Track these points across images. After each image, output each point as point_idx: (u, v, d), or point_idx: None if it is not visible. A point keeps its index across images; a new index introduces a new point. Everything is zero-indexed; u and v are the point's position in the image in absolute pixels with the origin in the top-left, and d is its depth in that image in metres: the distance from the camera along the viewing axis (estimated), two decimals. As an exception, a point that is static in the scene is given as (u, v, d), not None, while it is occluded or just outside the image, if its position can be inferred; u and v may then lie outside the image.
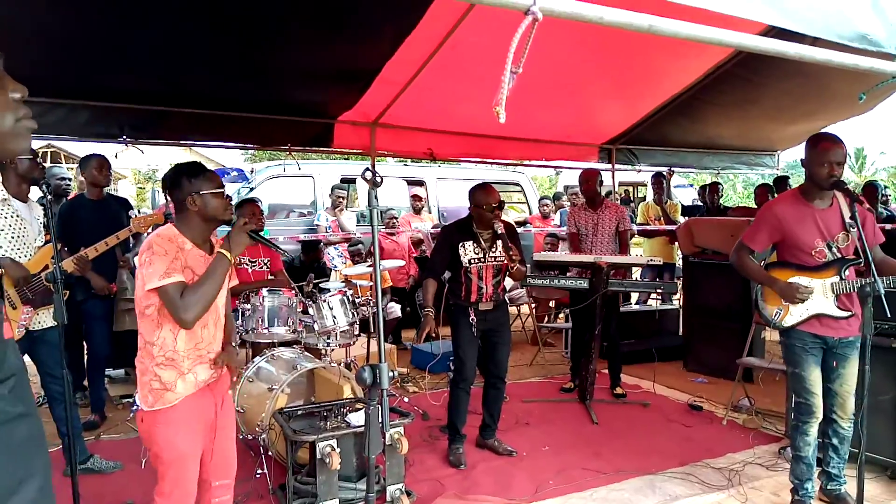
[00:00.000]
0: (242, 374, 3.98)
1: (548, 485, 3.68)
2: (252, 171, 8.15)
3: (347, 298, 4.35)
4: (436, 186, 9.29)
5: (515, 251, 3.88)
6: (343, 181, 8.13)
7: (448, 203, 9.04)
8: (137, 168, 22.23)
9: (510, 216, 10.39)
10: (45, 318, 3.56)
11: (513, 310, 7.36)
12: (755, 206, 7.39)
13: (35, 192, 3.62)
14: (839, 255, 3.19)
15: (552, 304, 7.81)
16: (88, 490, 3.34)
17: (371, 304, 4.68)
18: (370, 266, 5.24)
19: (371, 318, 4.73)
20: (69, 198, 5.38)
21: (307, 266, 6.33)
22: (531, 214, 9.82)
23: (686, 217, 7.53)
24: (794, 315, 3.27)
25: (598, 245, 5.31)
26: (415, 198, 8.24)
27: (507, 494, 3.57)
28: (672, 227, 7.34)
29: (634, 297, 8.18)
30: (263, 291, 4.15)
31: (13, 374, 1.16)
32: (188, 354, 2.39)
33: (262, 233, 5.23)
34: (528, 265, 5.90)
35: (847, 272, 3.18)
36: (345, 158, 8.27)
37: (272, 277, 4.78)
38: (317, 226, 7.35)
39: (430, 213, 8.61)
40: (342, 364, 4.27)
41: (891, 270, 3.11)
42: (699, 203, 8.95)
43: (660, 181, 7.84)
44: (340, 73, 4.79)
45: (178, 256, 2.32)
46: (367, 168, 1.94)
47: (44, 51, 3.95)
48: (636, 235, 8.02)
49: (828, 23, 1.83)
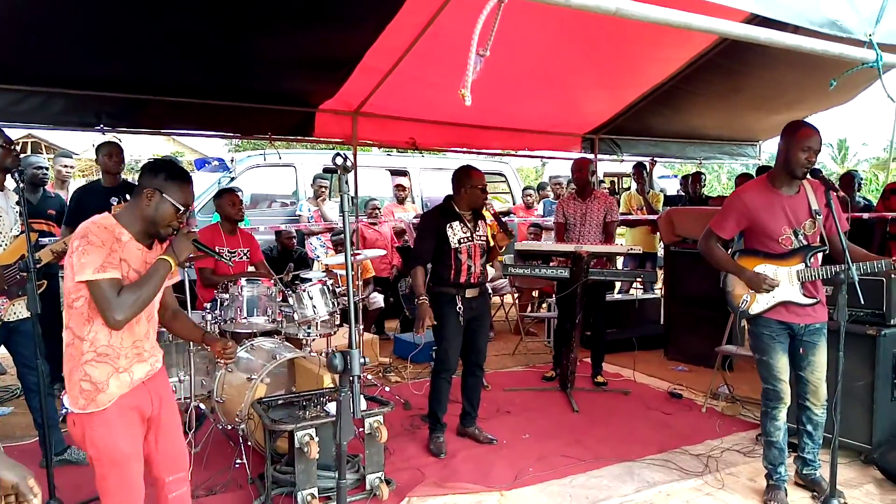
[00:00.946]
0: (221, 364, 3.96)
1: (527, 472, 3.70)
2: (233, 161, 8.08)
3: (328, 288, 4.33)
4: (419, 176, 9.27)
5: (494, 224, 4.08)
6: (325, 171, 8.05)
7: (432, 193, 9.02)
8: (119, 158, 21.91)
9: (494, 206, 10.39)
10: (21, 309, 3.52)
11: (496, 299, 7.40)
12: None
13: (10, 182, 3.55)
14: (805, 243, 3.22)
15: (535, 294, 7.84)
16: (66, 481, 3.32)
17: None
18: (352, 255, 5.21)
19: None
20: (83, 184, 5.30)
21: (286, 255, 6.30)
22: (515, 205, 9.83)
23: (668, 207, 7.57)
24: (761, 303, 3.29)
25: (586, 235, 5.31)
26: (398, 188, 8.22)
27: (487, 482, 3.59)
28: (654, 217, 7.37)
29: (617, 287, 8.22)
30: (242, 281, 4.12)
31: None
32: (126, 352, 2.26)
33: (243, 222, 5.23)
34: (511, 255, 5.95)
35: (812, 260, 3.21)
36: (330, 148, 8.22)
37: (252, 268, 4.75)
38: (299, 216, 7.31)
39: (414, 203, 8.58)
40: (323, 354, 4.25)
41: (857, 258, 3.13)
42: (682, 193, 8.99)
43: (640, 171, 7.87)
44: (321, 61, 4.75)
45: (115, 248, 2.18)
46: (338, 153, 1.92)
47: (17, 37, 3.88)
48: (619, 226, 8.06)
49: (799, 9, 1.83)
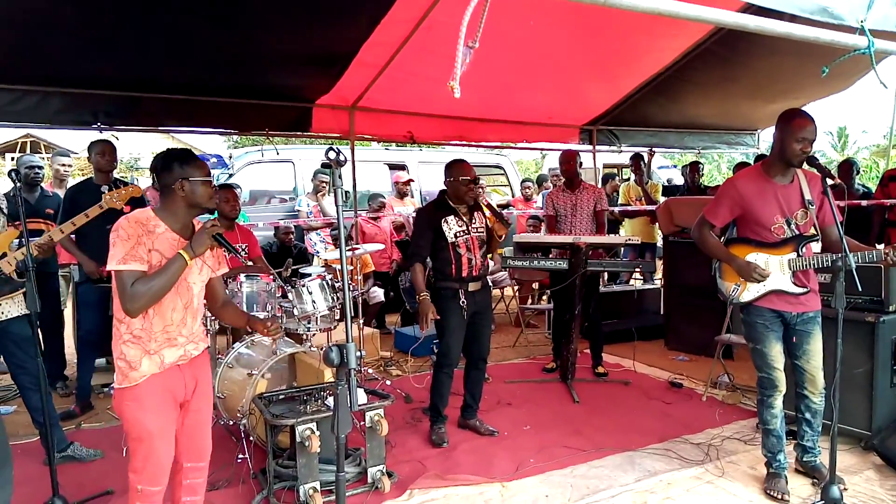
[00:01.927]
0: (221, 360, 3.98)
1: (529, 463, 3.71)
2: (231, 158, 8.08)
3: (327, 283, 4.34)
4: (417, 170, 9.26)
5: (492, 216, 4.01)
6: (325, 166, 8.05)
7: (430, 187, 9.01)
8: (119, 157, 21.96)
9: (493, 199, 10.39)
10: (9, 308, 3.47)
11: (496, 292, 7.41)
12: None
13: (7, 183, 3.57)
14: (797, 232, 3.22)
15: (535, 286, 7.84)
16: (69, 479, 3.34)
17: (351, 289, 4.68)
18: (350, 250, 5.22)
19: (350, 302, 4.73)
20: (73, 182, 5.32)
21: (286, 251, 6.30)
22: (514, 197, 9.83)
23: (666, 197, 7.57)
24: (752, 291, 3.30)
25: (577, 226, 5.32)
26: (403, 183, 8.17)
27: (488, 473, 3.60)
28: (653, 208, 7.37)
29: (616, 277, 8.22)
30: (241, 277, 4.13)
31: None
32: (156, 336, 2.40)
33: (240, 217, 5.23)
34: (512, 247, 5.95)
35: (805, 249, 3.21)
36: (329, 143, 8.22)
37: (250, 264, 4.75)
38: (298, 211, 7.31)
39: (413, 198, 8.58)
40: (323, 349, 4.26)
41: (851, 249, 3.12)
42: (681, 183, 8.98)
43: (638, 162, 7.86)
44: (316, 56, 4.75)
45: (142, 241, 2.33)
46: (331, 147, 1.92)
47: (13, 37, 3.88)
48: (622, 218, 8.06)
49: (790, -4, 1.83)
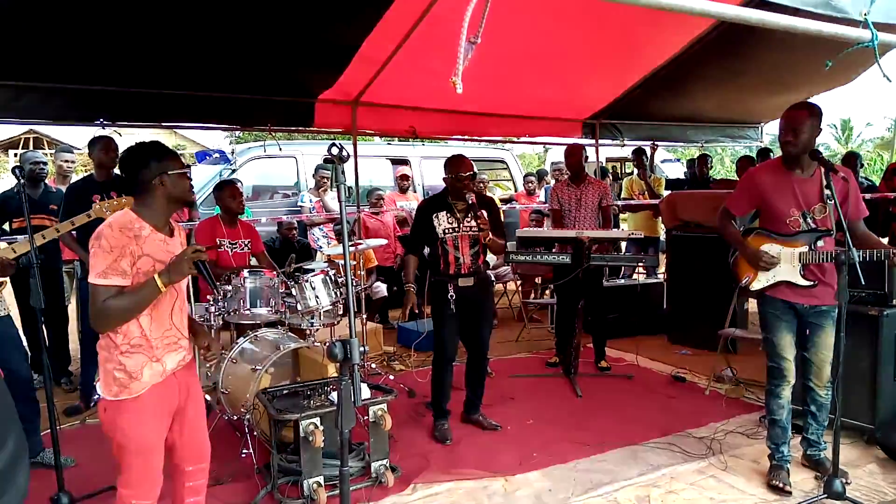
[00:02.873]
0: (225, 355, 3.99)
1: (532, 457, 3.72)
2: (233, 153, 8.08)
3: (330, 278, 4.34)
4: (420, 165, 9.26)
5: (484, 220, 3.89)
6: (327, 161, 8.06)
7: (433, 182, 9.01)
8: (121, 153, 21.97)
9: (496, 193, 10.38)
10: None
11: (499, 287, 7.40)
12: (737, 179, 7.41)
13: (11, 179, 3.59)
14: (813, 226, 3.22)
15: (538, 281, 7.84)
16: (74, 474, 3.37)
17: (354, 284, 4.68)
18: (353, 245, 5.23)
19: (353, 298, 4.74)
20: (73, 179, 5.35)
21: (290, 247, 6.31)
22: (517, 191, 9.82)
23: (670, 191, 7.55)
24: (762, 280, 3.35)
25: (582, 220, 5.31)
26: (402, 177, 8.19)
27: (492, 468, 3.61)
28: (656, 202, 7.36)
29: (622, 271, 8.21)
30: (244, 272, 4.13)
31: None
32: (157, 342, 2.33)
33: (245, 215, 5.24)
34: (514, 242, 5.94)
35: (821, 243, 3.20)
36: (331, 138, 8.22)
37: (254, 260, 4.76)
38: (301, 206, 7.31)
39: (415, 192, 8.58)
40: (326, 344, 4.27)
41: (870, 246, 3.13)
42: (690, 175, 8.95)
43: (640, 157, 7.84)
44: (318, 51, 4.74)
45: (126, 252, 2.21)
46: (333, 143, 1.92)
47: (15, 32, 3.88)
48: (622, 211, 8.04)
49: (794, -11, 1.82)
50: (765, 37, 5.11)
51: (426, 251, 4.16)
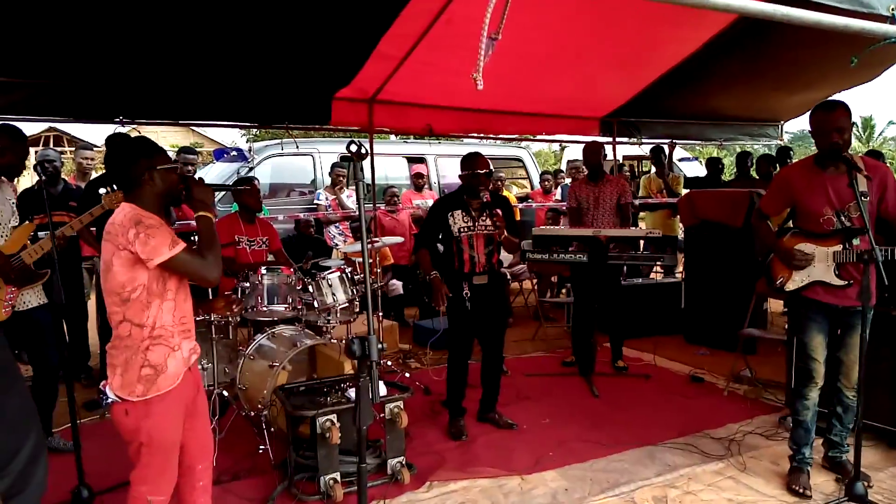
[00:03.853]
0: (243, 352, 4.02)
1: (548, 456, 3.71)
2: (251, 151, 8.12)
3: (347, 276, 4.35)
4: (436, 163, 9.25)
5: (499, 218, 3.89)
6: (343, 159, 8.09)
7: (449, 180, 9.01)
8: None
9: (512, 191, 10.36)
10: (31, 298, 3.59)
11: (515, 285, 7.39)
12: (757, 178, 7.34)
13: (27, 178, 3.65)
14: (848, 225, 3.16)
15: (554, 279, 7.81)
16: (94, 467, 3.38)
17: (371, 282, 4.69)
18: (370, 243, 5.24)
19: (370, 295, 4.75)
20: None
21: (306, 244, 6.33)
22: (533, 190, 9.79)
23: (688, 189, 7.48)
24: (796, 281, 3.30)
25: (600, 219, 5.28)
26: (417, 175, 8.20)
27: (508, 466, 3.60)
28: (674, 200, 7.29)
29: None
30: (262, 269, 4.15)
31: None
32: (175, 329, 2.32)
33: (262, 212, 5.26)
34: (530, 240, 5.91)
35: (856, 242, 3.13)
36: (348, 136, 8.24)
37: (271, 257, 4.79)
38: (317, 205, 7.33)
39: (431, 190, 8.58)
40: (343, 341, 4.28)
41: None
42: (701, 176, 8.86)
43: (658, 155, 7.77)
44: (335, 49, 4.74)
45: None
46: (352, 140, 1.92)
47: (35, 31, 3.92)
48: (640, 209, 7.99)
49: (820, -16, 1.79)
50: (786, 33, 5.03)
51: (440, 248, 4.15)
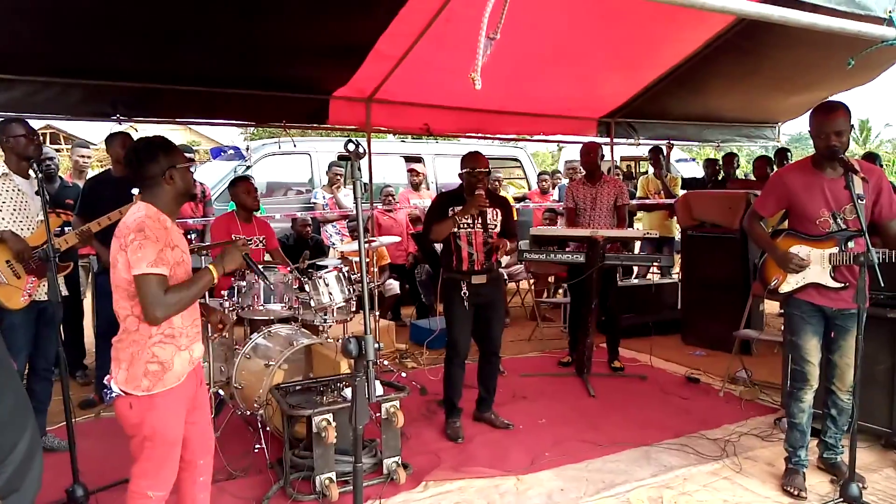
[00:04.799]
0: (239, 351, 4.01)
1: (544, 457, 3.71)
2: (248, 149, 8.11)
3: (343, 275, 4.35)
4: (434, 163, 9.25)
5: (493, 222, 3.94)
6: (340, 158, 8.07)
7: (446, 179, 9.00)
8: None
9: (509, 192, 10.36)
10: (45, 290, 3.64)
11: (511, 285, 7.39)
12: (754, 179, 7.35)
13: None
14: (844, 227, 3.16)
15: (551, 280, 7.81)
16: (88, 466, 3.37)
17: (368, 281, 4.68)
18: (367, 243, 5.23)
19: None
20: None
21: (303, 243, 6.33)
22: (530, 190, 9.79)
23: (686, 190, 7.49)
24: (791, 283, 3.30)
25: (597, 219, 5.29)
26: (412, 172, 8.15)
27: (504, 466, 3.60)
28: (672, 201, 7.30)
29: (634, 272, 8.17)
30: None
31: None
32: (186, 331, 2.36)
33: (259, 211, 5.25)
34: (527, 240, 5.92)
35: (852, 244, 3.13)
36: (345, 135, 8.23)
37: (268, 256, 4.78)
38: (314, 203, 7.33)
39: (429, 190, 8.57)
40: (339, 340, 4.27)
41: None
42: (697, 177, 8.88)
43: (657, 155, 7.78)
44: (333, 48, 4.73)
45: (168, 243, 2.28)
46: (350, 139, 1.92)
47: (33, 28, 3.91)
48: (636, 210, 7.99)
49: (817, -14, 1.79)
50: (783, 35, 5.05)
51: (439, 247, 4.15)
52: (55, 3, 3.68)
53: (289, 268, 4.41)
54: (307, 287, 4.25)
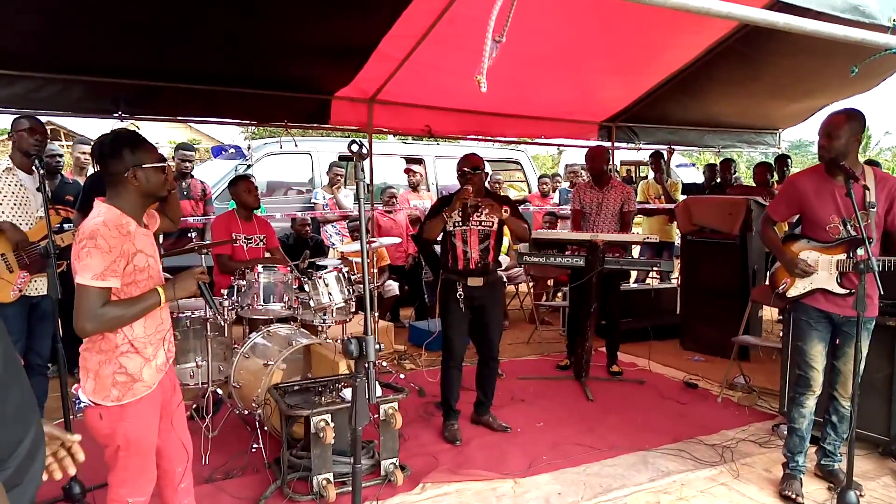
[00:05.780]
0: (238, 350, 4.01)
1: (541, 460, 3.71)
2: (249, 149, 8.11)
3: (343, 275, 4.35)
4: (434, 164, 9.25)
5: (490, 202, 3.92)
6: (341, 158, 8.08)
7: (447, 181, 9.00)
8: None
9: (510, 194, 10.36)
10: (42, 285, 3.69)
11: (511, 288, 7.38)
12: (754, 185, 7.36)
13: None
14: (853, 234, 3.15)
15: (550, 283, 7.81)
16: (85, 463, 3.36)
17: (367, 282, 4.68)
18: (367, 243, 5.23)
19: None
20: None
21: (303, 243, 6.33)
22: (531, 193, 9.80)
23: (686, 195, 7.50)
24: (798, 288, 3.31)
25: (602, 224, 5.28)
26: (409, 172, 8.12)
27: (501, 469, 3.60)
28: (672, 206, 7.31)
29: (633, 276, 8.18)
30: (259, 267, 4.14)
31: None
32: (150, 339, 2.26)
33: (259, 210, 5.25)
34: (527, 244, 5.91)
35: (860, 252, 3.12)
36: (346, 136, 8.23)
37: (268, 255, 4.78)
38: (314, 203, 7.32)
39: (429, 191, 8.57)
40: (338, 340, 4.28)
41: None
42: (698, 182, 8.89)
43: (658, 160, 7.79)
44: (336, 48, 4.74)
45: (123, 253, 2.14)
46: (353, 140, 1.91)
47: (36, 25, 3.91)
48: (636, 215, 8.00)
49: (821, -7, 1.79)
50: (784, 42, 5.07)
51: (437, 249, 4.17)
52: (58, 0, 3.68)
53: (289, 267, 4.40)
54: (307, 287, 4.25)
